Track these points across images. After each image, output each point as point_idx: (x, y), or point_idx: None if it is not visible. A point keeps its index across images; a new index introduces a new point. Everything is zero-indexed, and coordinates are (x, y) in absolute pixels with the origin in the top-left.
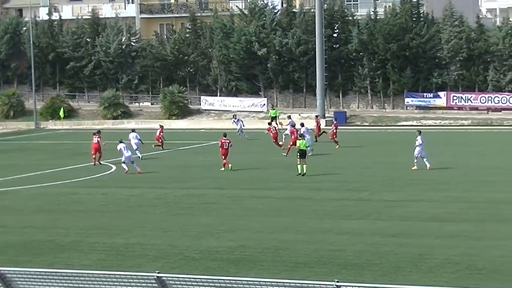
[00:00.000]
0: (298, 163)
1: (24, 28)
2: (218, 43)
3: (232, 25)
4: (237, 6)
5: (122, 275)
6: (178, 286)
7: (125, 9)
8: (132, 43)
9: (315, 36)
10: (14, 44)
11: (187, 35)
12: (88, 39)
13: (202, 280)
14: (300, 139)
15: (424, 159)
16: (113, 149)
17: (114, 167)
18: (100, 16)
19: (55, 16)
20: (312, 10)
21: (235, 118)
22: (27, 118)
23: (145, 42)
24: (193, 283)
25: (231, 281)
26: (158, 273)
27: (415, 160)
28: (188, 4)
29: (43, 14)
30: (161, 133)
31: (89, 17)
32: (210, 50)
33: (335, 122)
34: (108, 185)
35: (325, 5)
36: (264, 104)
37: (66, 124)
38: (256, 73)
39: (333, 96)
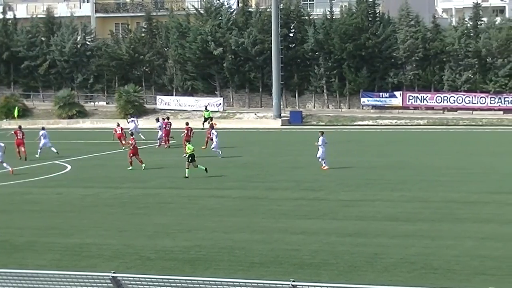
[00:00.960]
0: (187, 167)
1: None
2: (174, 43)
3: (188, 25)
4: (193, 6)
5: (78, 275)
6: (133, 285)
7: (80, 8)
8: (88, 42)
9: (271, 36)
10: None
11: (143, 35)
12: (43, 38)
13: (158, 279)
14: (188, 144)
15: (323, 160)
16: (69, 148)
17: (69, 167)
18: (55, 15)
19: (9, 14)
20: (268, 10)
21: (130, 118)
22: None
23: (100, 42)
24: (148, 282)
25: (187, 281)
26: (114, 273)
27: (320, 160)
28: (144, 3)
29: None
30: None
31: (44, 16)
32: (165, 49)
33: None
34: (63, 185)
35: (281, 5)
36: (220, 104)
37: (20, 124)
38: (212, 73)
39: (289, 96)
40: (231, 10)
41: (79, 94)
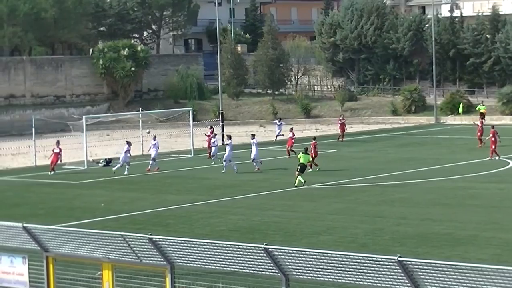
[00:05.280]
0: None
1: (427, 25)
2: None
3: None
4: None
5: None
6: None
7: None
8: None
9: None
10: (416, 40)
11: None
12: (488, 36)
13: None
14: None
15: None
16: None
17: (511, 163)
18: (500, 12)
19: (456, 13)
20: None
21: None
22: (427, 113)
23: None
24: None
25: None
26: None
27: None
28: None
29: (444, 11)
30: None
31: (489, 13)
32: None
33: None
34: (505, 180)
35: None
36: None
37: (464, 120)
38: None
39: None
40: None
41: None
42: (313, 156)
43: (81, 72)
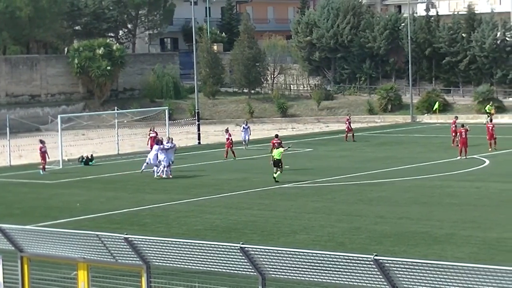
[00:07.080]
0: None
1: (403, 24)
2: None
3: None
4: None
5: (497, 269)
6: None
7: (500, 4)
8: (507, 38)
9: None
10: (393, 39)
11: None
12: (463, 35)
13: None
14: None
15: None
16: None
17: (487, 161)
18: (476, 12)
19: (432, 12)
20: None
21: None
22: (403, 111)
23: None
24: None
25: None
26: None
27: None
28: None
29: (420, 10)
30: None
31: (465, 12)
32: None
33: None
34: (481, 179)
35: None
36: None
37: (440, 118)
38: None
39: None
40: None
41: (498, 89)
42: None
43: (57, 71)
